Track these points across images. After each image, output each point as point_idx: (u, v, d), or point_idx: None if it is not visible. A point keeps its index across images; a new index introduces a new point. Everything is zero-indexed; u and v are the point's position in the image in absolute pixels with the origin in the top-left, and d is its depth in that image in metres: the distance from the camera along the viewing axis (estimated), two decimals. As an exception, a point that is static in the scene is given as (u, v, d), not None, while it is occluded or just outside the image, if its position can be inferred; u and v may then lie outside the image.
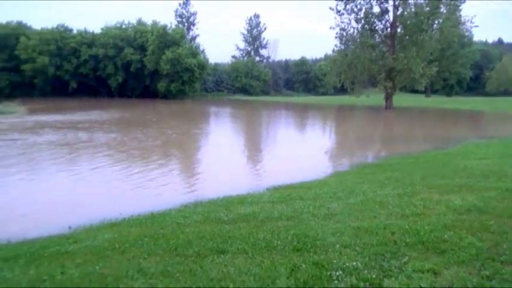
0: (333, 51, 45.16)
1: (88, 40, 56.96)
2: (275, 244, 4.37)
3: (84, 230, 5.86)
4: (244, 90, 71.07)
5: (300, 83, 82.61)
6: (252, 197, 7.49)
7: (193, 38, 66.10)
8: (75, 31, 58.53)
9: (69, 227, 6.08)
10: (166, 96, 55.13)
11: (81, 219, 6.54)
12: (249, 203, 6.82)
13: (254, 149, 17.17)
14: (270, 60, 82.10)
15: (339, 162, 13.67)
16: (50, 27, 56.96)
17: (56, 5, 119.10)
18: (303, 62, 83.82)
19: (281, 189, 8.48)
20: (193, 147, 17.41)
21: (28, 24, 58.13)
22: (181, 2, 67.84)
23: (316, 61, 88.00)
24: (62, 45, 55.62)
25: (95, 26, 64.12)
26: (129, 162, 12.60)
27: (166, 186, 9.67)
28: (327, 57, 70.70)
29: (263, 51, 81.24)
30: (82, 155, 13.95)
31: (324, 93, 77.36)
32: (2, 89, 52.17)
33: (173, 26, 58.38)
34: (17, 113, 28.48)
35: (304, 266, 3.71)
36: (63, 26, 57.88)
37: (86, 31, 58.59)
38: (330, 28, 42.04)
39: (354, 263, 3.71)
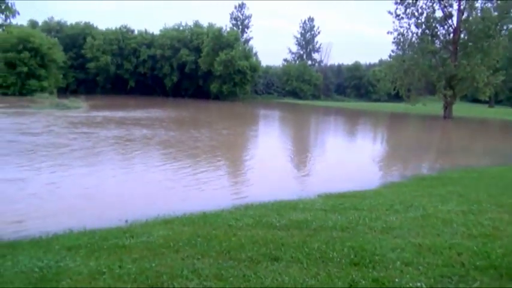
0: (389, 56, 43.68)
1: (147, 41, 59.60)
2: (330, 256, 4.21)
3: (139, 225, 6.01)
4: (294, 94, 70.79)
5: (352, 88, 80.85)
6: (304, 203, 7.34)
7: (247, 41, 66.88)
8: (136, 32, 61.46)
9: (126, 221, 6.28)
10: (218, 97, 56.23)
11: (136, 213, 6.75)
12: (301, 210, 6.68)
13: (303, 153, 16.96)
14: (322, 64, 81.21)
15: (393, 173, 13.10)
16: (113, 28, 60.27)
17: (120, 6, 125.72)
18: (356, 66, 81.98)
19: (333, 196, 8.24)
20: (243, 148, 17.56)
21: (94, 25, 61.89)
22: (237, 4, 69.00)
23: (370, 66, 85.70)
24: (124, 45, 58.68)
25: (155, 28, 66.98)
26: (185, 160, 12.94)
27: (217, 186, 9.77)
28: (382, 62, 68.58)
29: (315, 55, 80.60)
30: (144, 151, 14.57)
31: (376, 100, 75.12)
32: (69, 85, 55.89)
33: (228, 29, 59.50)
34: (81, 108, 30.36)
35: (363, 282, 3.52)
36: (125, 27, 61.01)
37: (146, 32, 61.35)
38: (388, 33, 40.69)
39: (418, 284, 3.46)
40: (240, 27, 67.95)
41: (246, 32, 69.02)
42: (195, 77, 58.84)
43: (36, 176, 9.95)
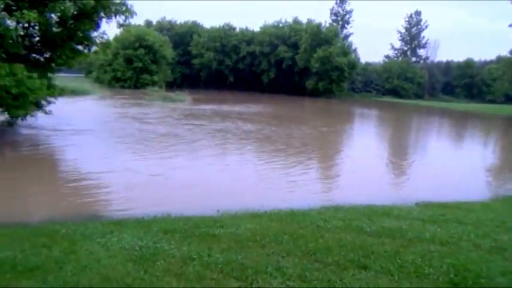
0: (510, 52, 38.54)
1: (248, 38, 61.56)
2: (426, 271, 3.84)
3: (229, 216, 6.22)
4: (395, 92, 66.75)
5: (462, 87, 73.38)
6: (399, 210, 6.86)
7: (346, 37, 64.88)
8: (237, 29, 63.89)
9: (218, 211, 6.55)
10: (313, 94, 55.70)
11: (227, 204, 6.99)
12: (395, 217, 6.25)
13: (401, 156, 15.88)
14: (428, 61, 75.01)
15: (507, 185, 11.55)
16: (217, 26, 63.50)
17: (224, 4, 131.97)
18: (468, 64, 74.12)
19: (433, 206, 7.55)
20: (339, 147, 17.11)
21: (201, 24, 65.95)
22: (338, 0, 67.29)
23: (484, 63, 76.76)
24: (226, 42, 61.49)
25: (255, 25, 68.80)
26: (281, 155, 13.01)
27: (307, 184, 9.65)
28: (500, 59, 60.97)
29: (421, 51, 74.80)
30: (246, 145, 15.04)
31: (491, 101, 67.10)
32: (175, 80, 60.49)
33: (327, 25, 58.43)
34: (185, 101, 32.66)
35: (464, 306, 3.15)
36: (228, 24, 63.81)
37: (246, 29, 63.41)
38: (510, 26, 35.92)
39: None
40: (340, 22, 66.18)
41: (346, 28, 66.97)
42: (291, 74, 59.13)
43: (149, 162, 10.94)
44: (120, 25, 14.51)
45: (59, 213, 6.60)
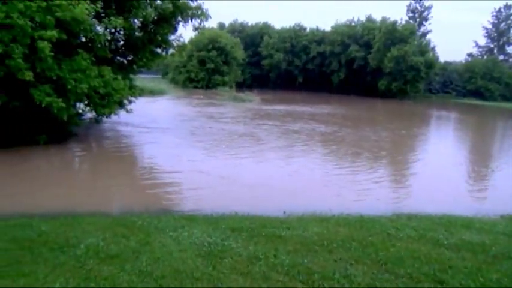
0: None
1: (318, 38, 60.81)
2: (514, 293, 3.48)
3: (296, 218, 6.18)
4: (478, 94, 61.39)
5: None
6: (481, 222, 6.30)
7: (424, 35, 61.10)
8: (307, 30, 63.40)
9: (284, 212, 6.54)
10: (386, 95, 53.33)
11: (294, 206, 6.96)
12: (477, 230, 5.74)
13: (483, 164, 14.53)
14: (519, 60, 67.91)
15: None
16: (287, 26, 63.60)
17: (295, 4, 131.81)
18: None
19: (522, 220, 6.82)
20: (413, 151, 16.18)
21: (271, 25, 66.52)
22: (416, -5, 63.62)
23: None
24: (295, 42, 61.33)
25: (326, 25, 67.67)
26: (353, 158, 12.67)
27: (378, 188, 9.26)
28: None
29: (510, 49, 67.92)
30: (320, 146, 14.89)
31: None
32: (245, 80, 61.73)
33: (403, 22, 55.58)
34: (254, 101, 33.19)
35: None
36: (298, 25, 63.58)
37: (317, 29, 62.64)
38: None
39: None
40: (418, 19, 62.56)
41: (424, 25, 63.03)
42: (362, 74, 57.22)
43: (220, 161, 11.31)
44: (195, 28, 15.14)
45: (135, 205, 7.07)
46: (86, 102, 12.14)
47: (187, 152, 12.28)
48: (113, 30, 13.02)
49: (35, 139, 11.14)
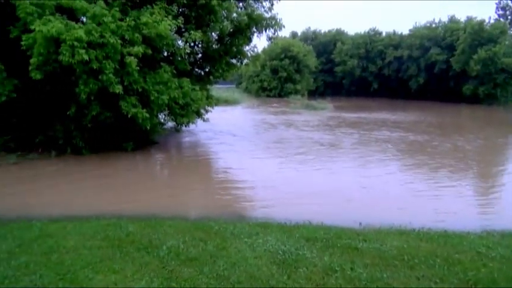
0: None
1: (395, 42, 58.27)
2: None
3: (373, 230, 5.93)
4: None
5: None
6: None
7: (517, 33, 55.47)
8: (383, 34, 61.11)
9: (360, 224, 6.32)
10: (472, 100, 49.13)
11: (371, 218, 6.69)
12: None
13: None
14: None
15: None
16: (362, 32, 61.94)
17: (369, 9, 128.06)
18: None
19: None
20: (504, 164, 14.64)
21: (345, 31, 65.30)
22: (507, -9, 58.12)
23: None
24: (370, 48, 59.44)
25: (404, 28, 64.63)
26: (440, 169, 11.78)
27: (465, 201, 8.53)
28: None
29: None
30: (406, 155, 13.97)
31: None
32: (318, 88, 61.22)
33: (491, 21, 51.03)
34: (327, 109, 32.73)
35: None
36: (373, 29, 61.57)
37: (394, 33, 60.08)
38: None
39: None
40: (509, 17, 57.06)
41: (517, 23, 57.30)
42: (444, 78, 53.40)
43: (296, 168, 11.31)
44: (269, 38, 15.47)
45: (211, 211, 7.34)
46: (167, 112, 12.97)
47: (262, 159, 12.47)
48: (192, 44, 13.78)
49: (122, 146, 12.16)
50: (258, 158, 12.56)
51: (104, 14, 9.74)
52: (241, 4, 15.40)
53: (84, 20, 10.47)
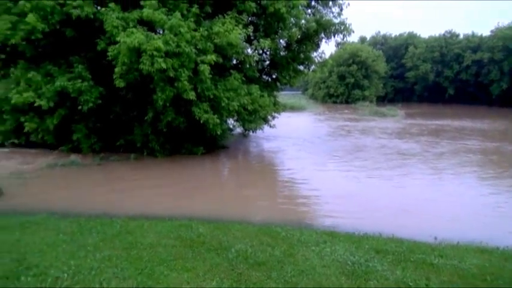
0: None
1: (473, 44, 54.21)
2: None
3: (450, 246, 5.56)
4: None
5: None
6: None
7: None
8: (461, 36, 57.18)
9: (435, 238, 5.97)
10: None
11: (446, 232, 6.29)
12: None
13: None
14: None
15: None
16: (437, 34, 58.53)
17: (444, 10, 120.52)
18: None
19: None
20: None
21: (418, 34, 62.12)
22: None
23: None
24: (446, 51, 55.92)
25: (485, 29, 59.72)
26: None
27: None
28: None
29: None
30: (496, 168, 12.82)
31: None
32: (387, 94, 58.89)
33: None
34: (397, 116, 31.34)
35: None
36: (449, 32, 57.89)
37: (472, 35, 55.95)
38: None
39: None
40: None
41: None
42: (532, 83, 48.52)
43: (367, 178, 11.02)
44: (337, 44, 15.26)
45: (277, 216, 7.38)
46: (236, 118, 13.33)
47: (329, 167, 12.29)
48: (260, 52, 14.04)
49: (193, 150, 12.73)
50: (325, 166, 12.39)
51: (180, 25, 10.31)
52: (309, 10, 15.41)
53: (161, 31, 11.19)
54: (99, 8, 11.30)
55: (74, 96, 11.04)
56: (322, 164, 12.68)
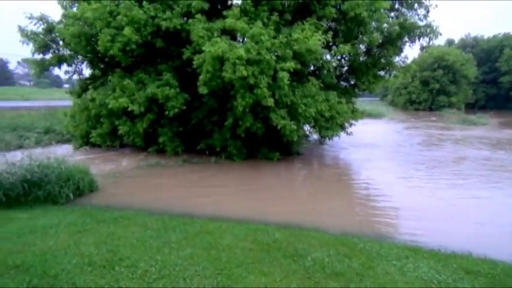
0: None
1: None
2: None
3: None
4: None
5: None
6: None
7: None
8: None
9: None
10: None
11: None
12: None
13: None
14: None
15: None
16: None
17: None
18: None
19: None
20: None
21: (515, 35, 56.32)
22: None
23: None
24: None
25: None
26: None
27: None
28: None
29: None
30: None
31: None
32: (478, 101, 54.17)
33: None
34: (489, 125, 28.67)
35: None
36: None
37: None
38: None
39: None
40: None
41: None
42: None
43: (453, 191, 10.28)
44: (422, 48, 14.45)
45: (352, 227, 7.14)
46: (312, 124, 13.24)
47: (408, 177, 11.62)
48: (339, 57, 13.82)
49: (268, 156, 12.90)
50: (406, 178, 11.71)
51: (261, 33, 10.58)
52: (392, 13, 14.80)
53: (242, 39, 11.58)
54: (185, 19, 12.02)
55: (161, 102, 11.87)
56: (403, 176, 12.00)
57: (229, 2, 13.36)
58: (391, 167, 13.14)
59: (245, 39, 11.14)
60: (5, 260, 4.29)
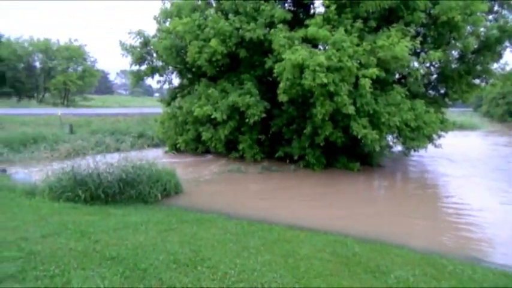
0: None
1: None
2: None
3: None
4: None
5: None
6: None
7: None
8: None
9: None
10: None
11: None
12: None
13: None
14: None
15: None
16: None
17: None
18: None
19: None
20: None
21: None
22: None
23: None
24: None
25: None
26: None
27: None
28: None
29: None
30: None
31: None
32: None
33: None
34: None
35: None
36: None
37: None
38: None
39: None
40: None
41: None
42: None
43: None
44: (526, 53, 12.98)
45: (439, 246, 6.61)
46: (396, 134, 12.58)
47: (503, 198, 10.46)
48: (428, 64, 13.00)
49: (347, 166, 12.54)
50: (503, 197, 10.56)
51: (343, 40, 10.39)
52: (490, 16, 13.56)
53: (323, 46, 11.47)
54: (268, 29, 12.30)
55: (242, 110, 12.23)
56: (500, 194, 10.83)
57: (312, 11, 13.37)
58: (485, 184, 11.94)
59: (327, 47, 11.02)
60: (103, 251, 4.72)
